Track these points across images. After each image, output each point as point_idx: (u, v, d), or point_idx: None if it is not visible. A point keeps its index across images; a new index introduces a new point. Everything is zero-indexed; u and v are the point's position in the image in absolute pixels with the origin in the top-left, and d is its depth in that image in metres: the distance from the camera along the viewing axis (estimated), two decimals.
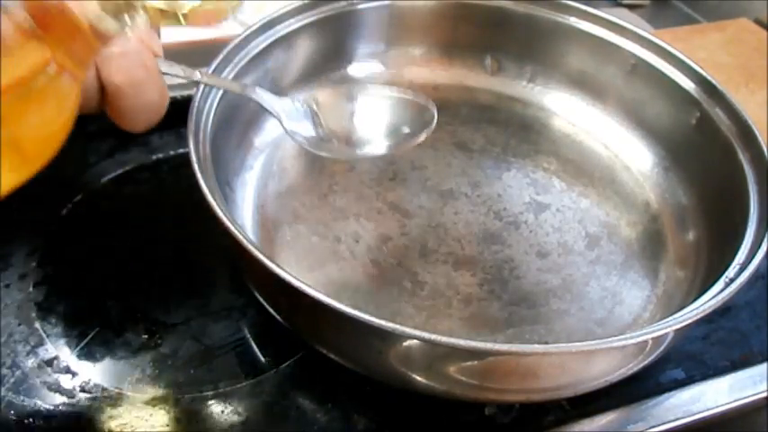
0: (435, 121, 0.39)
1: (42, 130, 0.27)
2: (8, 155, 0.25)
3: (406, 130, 0.39)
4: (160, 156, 0.51)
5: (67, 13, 0.26)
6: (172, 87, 0.51)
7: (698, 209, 0.45)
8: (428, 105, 0.39)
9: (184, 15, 0.29)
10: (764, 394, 0.39)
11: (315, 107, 0.39)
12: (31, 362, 0.38)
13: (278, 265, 0.31)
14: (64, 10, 0.26)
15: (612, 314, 0.40)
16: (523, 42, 0.53)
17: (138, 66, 0.29)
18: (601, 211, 0.46)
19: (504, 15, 0.52)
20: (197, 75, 0.35)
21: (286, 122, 0.38)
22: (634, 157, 0.50)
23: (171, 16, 0.29)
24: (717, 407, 0.38)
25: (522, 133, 0.52)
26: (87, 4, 0.26)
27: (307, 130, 0.38)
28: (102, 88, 0.29)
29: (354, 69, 0.53)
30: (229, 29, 0.50)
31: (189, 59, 0.32)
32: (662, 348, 0.35)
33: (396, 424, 0.36)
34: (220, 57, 0.42)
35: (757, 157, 0.40)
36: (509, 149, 0.50)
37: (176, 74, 0.33)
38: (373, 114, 0.39)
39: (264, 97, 0.38)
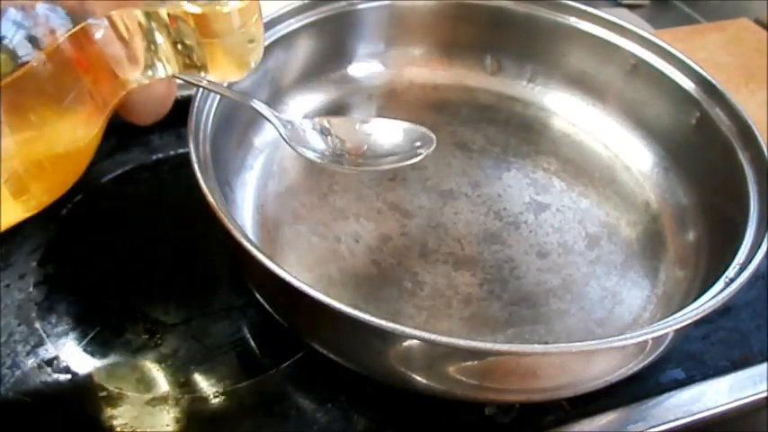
0: (434, 144, 0.40)
1: (66, 158, 0.27)
2: (25, 185, 0.25)
3: (405, 149, 0.40)
4: (160, 156, 0.51)
5: (104, 59, 0.26)
6: None
7: (698, 209, 0.45)
8: (427, 133, 0.40)
9: (204, 68, 0.30)
10: (764, 394, 0.39)
11: (326, 124, 0.39)
12: (31, 362, 0.38)
13: (278, 265, 0.31)
14: (101, 56, 0.26)
15: (612, 314, 0.40)
16: (523, 42, 0.53)
17: None
18: (601, 211, 0.46)
19: (504, 15, 0.52)
20: (203, 82, 0.35)
21: (285, 133, 0.38)
22: (634, 157, 0.50)
23: (193, 70, 0.30)
24: (717, 407, 0.38)
25: (522, 133, 0.52)
26: (131, 70, 0.28)
27: (308, 143, 0.39)
28: None
29: (354, 69, 0.53)
30: None
31: None
32: (662, 348, 0.35)
33: (396, 424, 0.36)
34: None
35: (757, 157, 0.40)
36: (509, 149, 0.50)
37: (181, 77, 0.33)
38: (372, 136, 0.40)
39: (267, 112, 0.38)
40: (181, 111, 0.38)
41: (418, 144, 0.40)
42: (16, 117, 0.24)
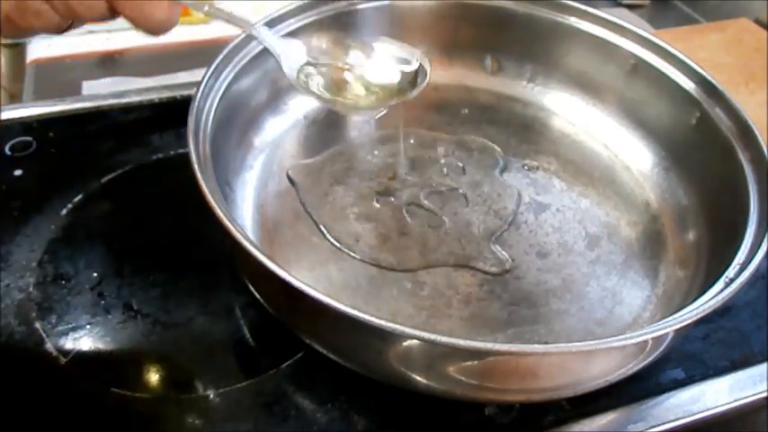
0: (428, 80, 0.41)
1: None
2: None
3: (400, 85, 0.41)
4: (160, 156, 0.51)
5: None
6: (172, 88, 0.52)
7: (698, 209, 0.45)
8: (423, 63, 0.41)
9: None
10: (764, 394, 0.39)
11: (320, 55, 0.40)
12: (30, 361, 0.38)
13: (278, 265, 0.31)
14: None
15: (612, 314, 0.40)
16: (523, 42, 0.53)
17: None
18: (601, 211, 0.46)
19: (504, 15, 0.52)
20: (204, 6, 0.35)
21: (285, 65, 0.38)
22: (634, 157, 0.50)
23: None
24: (717, 407, 0.38)
25: (522, 133, 0.52)
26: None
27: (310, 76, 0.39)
28: None
29: None
30: (229, 29, 0.50)
31: (189, 59, 0.32)
32: (662, 348, 0.35)
33: (396, 424, 0.36)
34: (220, 57, 0.42)
35: (757, 157, 0.40)
36: (509, 149, 0.50)
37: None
38: (372, 68, 0.41)
39: (267, 38, 0.37)
40: (181, 111, 0.38)
41: (403, 84, 0.41)
42: None
